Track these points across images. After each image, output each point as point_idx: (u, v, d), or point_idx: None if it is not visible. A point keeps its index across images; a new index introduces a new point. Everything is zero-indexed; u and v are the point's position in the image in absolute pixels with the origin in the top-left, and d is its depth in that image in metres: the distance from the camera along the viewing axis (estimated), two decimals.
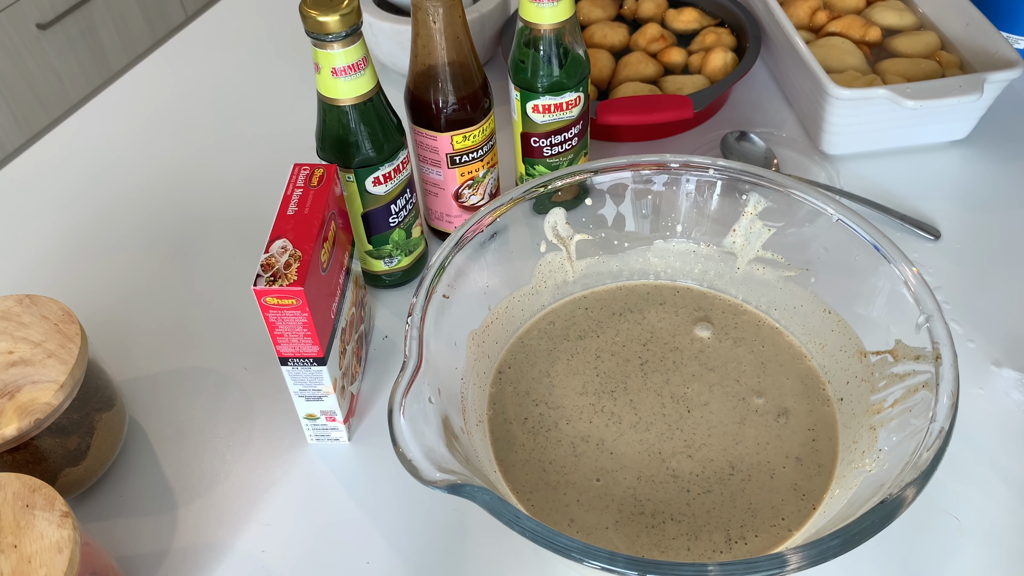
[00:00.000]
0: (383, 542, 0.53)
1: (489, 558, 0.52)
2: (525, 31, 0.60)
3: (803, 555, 0.39)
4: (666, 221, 0.61)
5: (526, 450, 0.54)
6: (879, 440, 0.49)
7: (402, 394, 0.45)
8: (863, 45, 0.81)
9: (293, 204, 0.53)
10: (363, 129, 0.57)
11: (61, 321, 0.54)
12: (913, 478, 0.42)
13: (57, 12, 1.75)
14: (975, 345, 0.61)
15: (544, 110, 0.63)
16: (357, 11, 0.53)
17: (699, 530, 0.49)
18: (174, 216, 0.76)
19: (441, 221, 0.68)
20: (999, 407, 0.58)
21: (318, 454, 0.58)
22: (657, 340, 0.59)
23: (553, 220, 0.60)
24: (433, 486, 0.42)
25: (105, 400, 0.56)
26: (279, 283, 0.49)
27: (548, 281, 0.61)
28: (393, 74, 0.87)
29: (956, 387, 0.45)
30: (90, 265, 0.72)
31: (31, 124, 1.77)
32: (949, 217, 0.71)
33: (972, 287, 0.65)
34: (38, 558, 0.42)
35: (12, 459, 0.51)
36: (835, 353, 0.56)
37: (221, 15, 1.02)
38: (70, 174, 0.81)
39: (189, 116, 0.87)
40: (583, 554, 0.40)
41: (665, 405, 0.55)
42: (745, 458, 0.53)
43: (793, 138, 0.79)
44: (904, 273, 0.51)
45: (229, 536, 0.54)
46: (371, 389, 0.62)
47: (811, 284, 0.58)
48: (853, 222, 0.54)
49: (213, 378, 0.63)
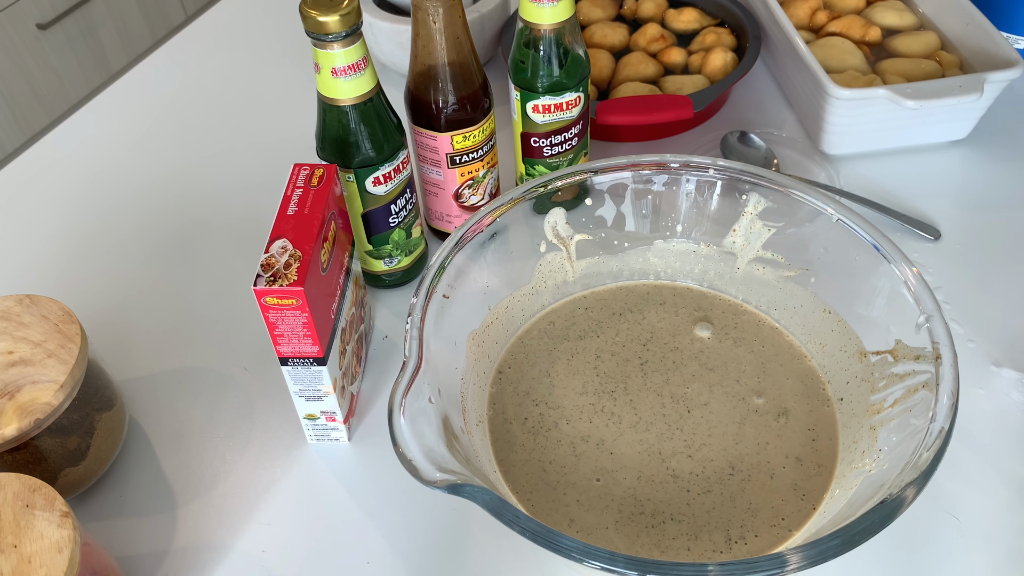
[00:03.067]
0: (383, 542, 0.53)
1: (489, 558, 0.52)
2: (525, 31, 0.60)
3: (803, 555, 0.39)
4: (666, 221, 0.61)
5: (526, 450, 0.54)
6: (879, 440, 0.49)
7: (402, 394, 0.45)
8: (863, 45, 0.81)
9: (293, 204, 0.53)
10: (363, 129, 0.57)
11: (61, 321, 0.54)
12: (913, 478, 0.42)
13: (57, 12, 1.75)
14: (975, 345, 0.61)
15: (544, 110, 0.63)
16: (357, 11, 0.53)
17: (699, 530, 0.49)
18: (174, 216, 0.76)
19: (441, 221, 0.68)
20: (999, 407, 0.58)
21: (318, 454, 0.58)
22: (657, 340, 0.59)
23: (553, 220, 0.60)
24: (433, 486, 0.42)
25: (105, 400, 0.56)
26: (279, 283, 0.49)
27: (548, 281, 0.61)
28: (393, 74, 0.87)
29: (956, 387, 0.45)
30: (90, 265, 0.72)
31: (31, 124, 1.77)
32: (949, 217, 0.71)
33: (972, 287, 0.65)
34: (38, 558, 0.42)
35: (12, 459, 0.51)
36: (835, 353, 0.56)
37: (221, 15, 1.02)
38: (70, 174, 0.81)
39: (189, 116, 0.87)
40: (583, 554, 0.40)
41: (665, 405, 0.55)
42: (745, 458, 0.53)
43: (793, 138, 0.79)
44: (904, 273, 0.51)
45: (229, 536, 0.54)
46: (371, 389, 0.62)
47: (811, 284, 0.58)
48: (853, 222, 0.54)
49: (213, 378, 0.63)
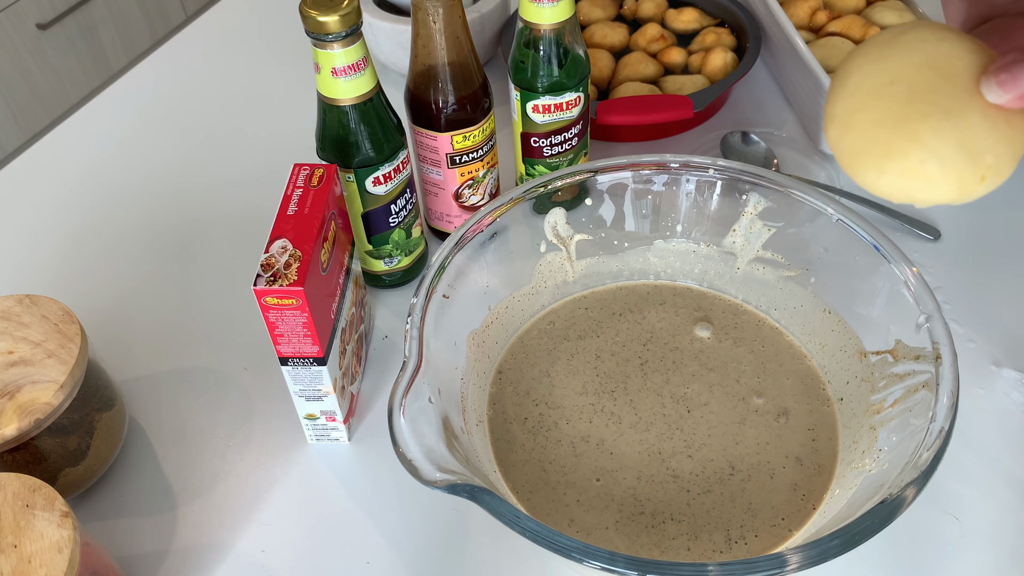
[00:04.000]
0: (383, 542, 0.53)
1: (489, 558, 0.52)
2: (525, 31, 0.60)
3: (803, 555, 0.39)
4: (666, 221, 0.61)
5: (526, 450, 0.54)
6: (879, 440, 0.49)
7: (402, 394, 0.45)
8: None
9: (293, 204, 0.53)
10: (363, 129, 0.57)
11: (61, 321, 0.54)
12: (913, 478, 0.42)
13: (57, 12, 1.75)
14: (975, 345, 0.61)
15: (544, 110, 0.63)
16: (357, 11, 0.53)
17: (699, 530, 0.49)
18: (174, 216, 0.76)
19: (441, 221, 0.68)
20: (999, 407, 0.58)
21: (318, 454, 0.58)
22: (657, 340, 0.59)
23: (553, 220, 0.60)
24: (433, 486, 0.42)
25: (105, 400, 0.56)
26: (279, 283, 0.49)
27: (548, 281, 0.61)
28: (393, 74, 0.87)
29: (956, 387, 0.45)
30: (90, 265, 0.72)
31: (31, 124, 1.77)
32: (949, 217, 0.71)
33: (972, 287, 0.65)
34: (38, 558, 0.42)
35: (12, 459, 0.51)
36: (835, 353, 0.56)
37: (221, 15, 1.02)
38: (70, 174, 0.81)
39: (189, 116, 0.87)
40: (583, 554, 0.40)
41: (665, 405, 0.55)
42: (745, 458, 0.53)
43: (793, 138, 0.79)
44: (904, 273, 0.51)
45: (229, 536, 0.54)
46: (371, 389, 0.62)
47: (811, 284, 0.58)
48: (853, 222, 0.54)
49: (213, 378, 0.63)
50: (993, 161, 0.34)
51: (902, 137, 0.34)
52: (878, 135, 0.34)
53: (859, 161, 0.36)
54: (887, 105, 0.34)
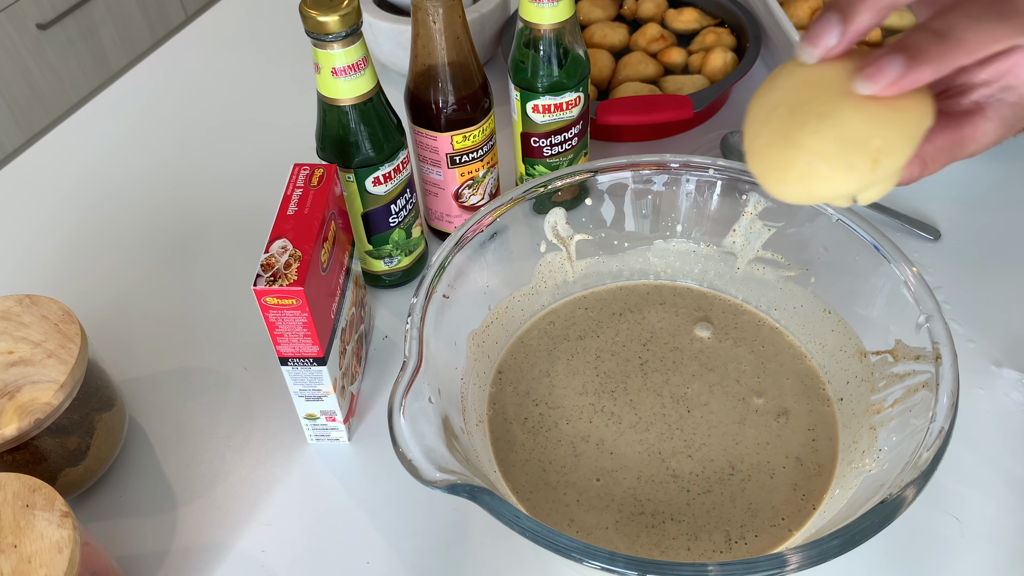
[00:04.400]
0: (383, 542, 0.53)
1: (489, 558, 0.52)
2: (525, 31, 0.60)
3: (803, 555, 0.39)
4: (666, 221, 0.61)
5: (526, 450, 0.54)
6: (879, 440, 0.49)
7: (402, 394, 0.45)
8: (863, 45, 0.81)
9: (293, 204, 0.53)
10: (363, 129, 0.57)
11: (61, 321, 0.54)
12: (913, 478, 0.42)
13: (57, 12, 1.75)
14: (975, 345, 0.61)
15: (544, 110, 0.63)
16: (357, 11, 0.53)
17: (699, 530, 0.49)
18: (174, 216, 0.76)
19: (441, 221, 0.68)
20: (999, 407, 0.58)
21: (318, 454, 0.58)
22: (657, 340, 0.59)
23: (553, 220, 0.60)
24: (433, 486, 0.42)
25: (105, 400, 0.56)
26: (279, 283, 0.49)
27: (548, 281, 0.61)
28: (393, 74, 0.87)
29: (956, 387, 0.45)
30: (90, 265, 0.72)
31: (31, 124, 1.77)
32: (949, 217, 0.71)
33: (972, 287, 0.65)
34: (38, 558, 0.42)
35: (12, 459, 0.51)
36: (835, 353, 0.56)
37: (221, 15, 1.02)
38: (70, 174, 0.81)
39: (189, 116, 0.87)
40: (583, 554, 0.40)
41: (665, 405, 0.55)
42: (745, 458, 0.53)
43: None
44: (904, 273, 0.51)
45: (229, 536, 0.54)
46: (371, 389, 0.62)
47: (811, 284, 0.58)
48: (853, 222, 0.54)
49: (213, 378, 0.63)
50: (882, 143, 0.36)
51: (789, 149, 0.37)
52: (772, 154, 0.38)
53: (767, 181, 0.39)
54: (774, 127, 0.38)
